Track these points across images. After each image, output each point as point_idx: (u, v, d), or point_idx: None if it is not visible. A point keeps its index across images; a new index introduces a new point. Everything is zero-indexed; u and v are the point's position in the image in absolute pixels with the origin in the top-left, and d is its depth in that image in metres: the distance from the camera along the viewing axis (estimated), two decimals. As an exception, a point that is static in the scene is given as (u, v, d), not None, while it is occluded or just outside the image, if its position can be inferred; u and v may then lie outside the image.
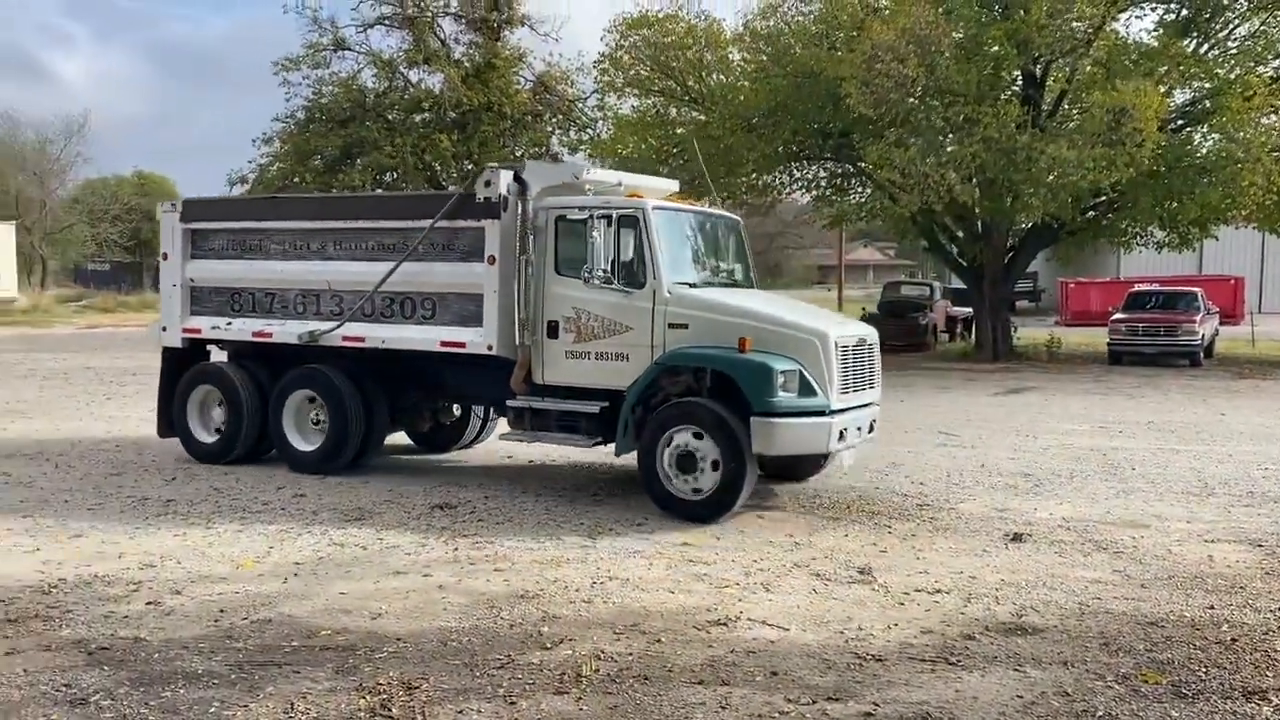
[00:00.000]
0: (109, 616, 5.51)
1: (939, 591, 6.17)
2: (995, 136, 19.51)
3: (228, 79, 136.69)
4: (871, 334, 8.85)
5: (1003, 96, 21.73)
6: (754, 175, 26.15)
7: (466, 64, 33.68)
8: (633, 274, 8.32)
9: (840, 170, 27.01)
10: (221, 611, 5.61)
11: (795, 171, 27.29)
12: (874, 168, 21.31)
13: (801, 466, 9.27)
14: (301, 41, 34.68)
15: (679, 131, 26.19)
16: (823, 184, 27.73)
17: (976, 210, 23.12)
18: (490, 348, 8.78)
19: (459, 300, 9.02)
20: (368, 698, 4.45)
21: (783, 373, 7.74)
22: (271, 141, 33.96)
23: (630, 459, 8.38)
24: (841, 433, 8.00)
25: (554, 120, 35.60)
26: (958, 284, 31.40)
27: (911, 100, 20.39)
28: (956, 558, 6.96)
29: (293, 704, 4.38)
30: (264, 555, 6.79)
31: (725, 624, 5.51)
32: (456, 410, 10.71)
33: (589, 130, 34.47)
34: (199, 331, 10.29)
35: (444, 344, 9.05)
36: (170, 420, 10.30)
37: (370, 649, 5.06)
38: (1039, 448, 11.69)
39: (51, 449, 10.78)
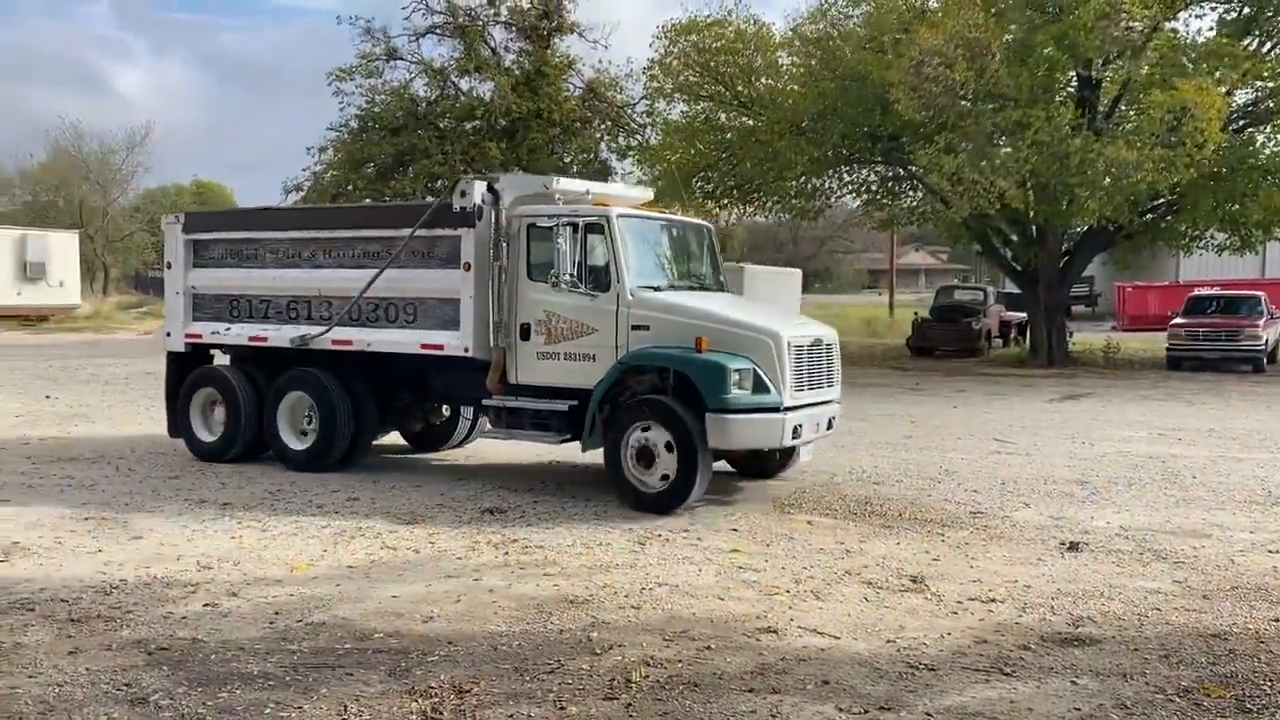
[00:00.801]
0: (168, 617, 5.61)
1: (993, 601, 6.08)
2: (1047, 140, 19.21)
3: (283, 88, 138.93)
4: (829, 335, 9.13)
5: (1057, 99, 21.42)
6: (803, 179, 26.04)
7: (516, 72, 33.90)
8: (598, 278, 8.75)
9: (891, 174, 26.80)
10: (276, 614, 5.69)
11: (845, 175, 27.14)
12: (924, 172, 21.12)
13: (768, 464, 9.63)
14: (355, 51, 35.01)
15: (728, 136, 26.16)
16: (873, 188, 27.53)
17: (1031, 214, 22.79)
18: (466, 350, 9.24)
19: (438, 305, 9.45)
20: (419, 701, 4.48)
21: (737, 371, 8.10)
22: (326, 150, 34.47)
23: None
24: (796, 429, 8.36)
25: (603, 127, 35.69)
26: (1012, 288, 30.98)
27: (962, 104, 20.17)
28: (1011, 566, 6.85)
29: (346, 706, 4.42)
30: (318, 558, 6.88)
31: (775, 632, 5.47)
32: (446, 411, 11.03)
33: (638, 136, 34.54)
34: (200, 337, 10.82)
35: (424, 347, 9.49)
36: (177, 420, 10.80)
37: (422, 652, 5.10)
38: (1096, 455, 11.48)
39: (112, 452, 11.04)
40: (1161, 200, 22.89)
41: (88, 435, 12.39)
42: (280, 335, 10.20)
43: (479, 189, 9.09)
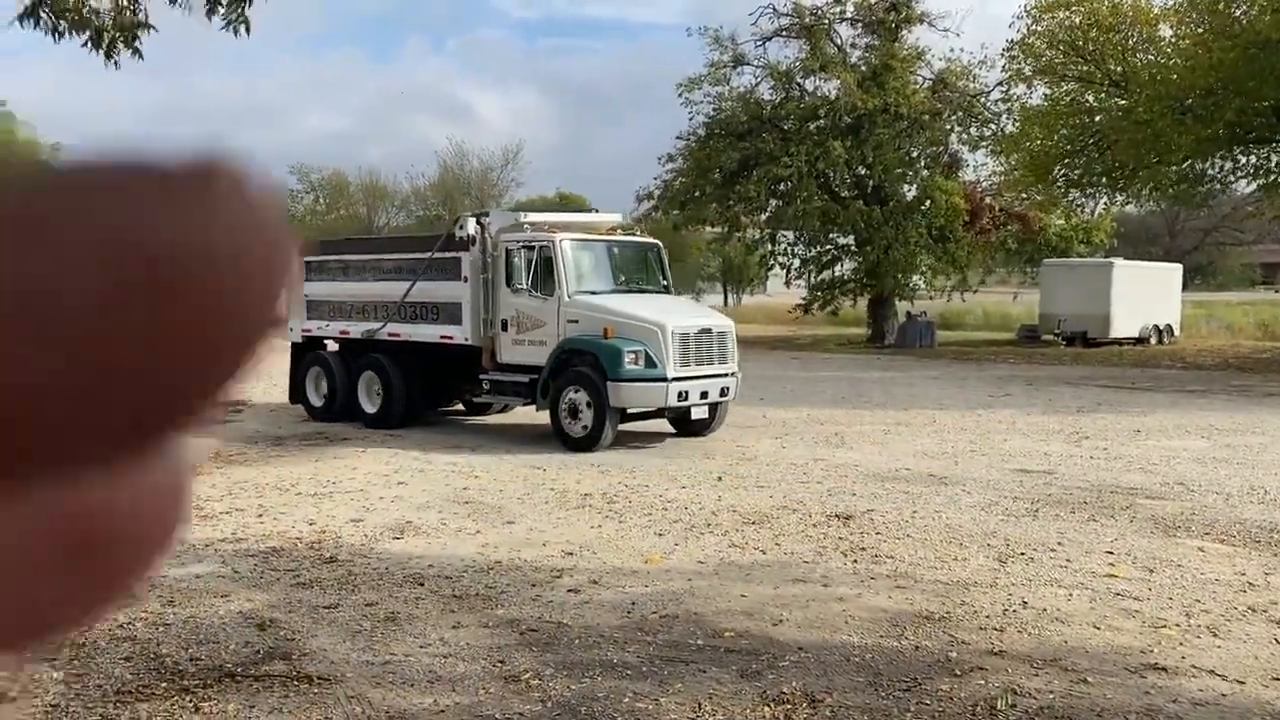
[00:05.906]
0: (536, 600, 5.98)
1: None
2: None
3: (634, 101, 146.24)
4: (723, 324, 11.90)
5: None
6: (1187, 163, 23.45)
7: (863, 67, 33.25)
8: (549, 286, 11.79)
9: (1299, 153, 23.44)
10: (633, 604, 5.89)
11: (1239, 156, 24.09)
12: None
13: (695, 426, 12.03)
14: (704, 61, 35.87)
15: (1097, 120, 24.13)
16: (1275, 169, 24.23)
17: None
18: (467, 339, 12.52)
19: (449, 307, 12.68)
20: (772, 706, 4.43)
21: (631, 352, 11.01)
22: (675, 159, 35.65)
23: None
24: (681, 394, 11.16)
25: (953, 118, 34.12)
26: None
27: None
28: None
29: (700, 704, 4.46)
30: (670, 552, 7.07)
31: (1164, 670, 4.88)
32: (486, 385, 13.18)
33: (991, 125, 32.68)
34: (311, 331, 14.41)
35: (442, 337, 12.79)
36: (297, 391, 14.40)
37: (772, 655, 5.05)
38: None
39: (490, 443, 12.06)
40: None
41: (475, 424, 13.66)
42: (356, 329, 13.79)
43: (472, 223, 12.41)
